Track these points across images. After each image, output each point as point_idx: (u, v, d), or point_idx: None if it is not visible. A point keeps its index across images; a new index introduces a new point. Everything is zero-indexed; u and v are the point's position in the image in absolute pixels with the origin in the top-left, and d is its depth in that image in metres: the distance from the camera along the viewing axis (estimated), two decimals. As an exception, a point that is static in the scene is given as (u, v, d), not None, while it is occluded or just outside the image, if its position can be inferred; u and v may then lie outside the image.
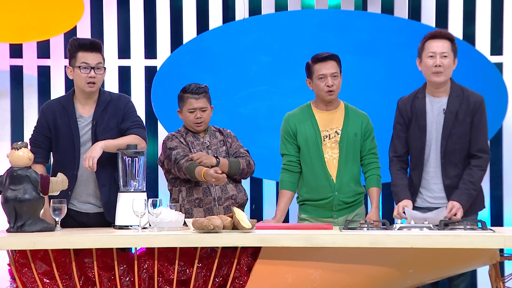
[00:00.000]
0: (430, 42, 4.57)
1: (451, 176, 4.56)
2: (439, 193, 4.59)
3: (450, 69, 4.56)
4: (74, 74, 4.51)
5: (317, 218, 4.78)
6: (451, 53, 4.55)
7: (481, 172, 4.55)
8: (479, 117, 4.57)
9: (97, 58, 4.49)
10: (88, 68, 4.47)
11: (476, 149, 4.56)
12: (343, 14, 6.22)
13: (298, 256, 3.97)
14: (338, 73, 4.74)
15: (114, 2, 6.30)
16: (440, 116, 4.59)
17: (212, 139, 4.86)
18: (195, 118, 4.80)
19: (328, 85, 4.70)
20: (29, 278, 4.01)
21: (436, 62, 4.52)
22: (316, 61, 4.74)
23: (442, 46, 4.54)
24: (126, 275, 4.06)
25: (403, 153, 4.69)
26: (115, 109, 4.55)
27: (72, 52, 4.51)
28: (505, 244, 3.86)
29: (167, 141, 4.82)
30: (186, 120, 4.84)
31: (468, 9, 6.28)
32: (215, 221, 3.99)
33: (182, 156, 4.71)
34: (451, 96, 4.58)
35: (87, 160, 4.32)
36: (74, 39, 4.54)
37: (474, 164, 4.55)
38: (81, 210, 4.52)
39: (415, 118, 4.62)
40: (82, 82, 4.49)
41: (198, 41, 6.17)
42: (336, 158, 4.76)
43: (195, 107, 4.79)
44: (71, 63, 4.52)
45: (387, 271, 4.01)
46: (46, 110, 4.58)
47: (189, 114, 4.81)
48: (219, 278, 4.05)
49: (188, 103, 4.80)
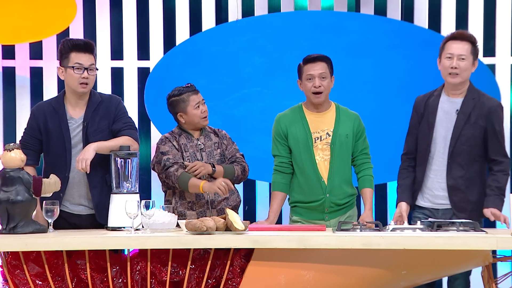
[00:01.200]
0: (450, 43, 4.56)
1: (456, 177, 4.56)
2: (440, 192, 4.59)
3: (467, 72, 4.55)
4: (66, 75, 4.50)
5: (308, 220, 4.77)
6: (470, 56, 4.54)
7: (505, 177, 4.55)
8: (496, 122, 4.56)
9: (90, 59, 4.49)
10: (81, 68, 4.46)
11: (496, 154, 4.55)
12: (336, 15, 6.22)
13: (291, 257, 3.97)
14: (328, 74, 4.72)
15: (107, 3, 6.29)
16: (452, 116, 4.58)
17: (207, 141, 4.84)
18: (202, 113, 4.77)
19: (315, 86, 4.69)
20: (22, 279, 4.00)
21: (452, 64, 4.52)
22: (305, 62, 4.74)
23: (462, 48, 4.53)
24: (118, 276, 4.05)
25: (412, 150, 4.69)
26: (106, 110, 4.54)
27: (64, 52, 4.49)
28: (498, 245, 3.87)
29: (160, 144, 4.79)
30: (194, 118, 4.77)
31: (461, 11, 6.29)
32: (208, 222, 3.98)
33: (172, 164, 4.69)
34: (467, 98, 4.58)
35: (80, 162, 4.31)
36: (67, 40, 4.53)
37: (498, 169, 4.54)
38: (73, 212, 4.51)
39: (426, 115, 4.63)
40: (74, 82, 4.47)
41: (191, 42, 6.16)
42: (327, 160, 4.75)
43: (198, 101, 4.77)
44: (63, 63, 4.50)
45: (380, 273, 4.02)
46: (37, 112, 4.57)
47: (196, 111, 4.76)
48: (212, 280, 4.05)
49: (191, 100, 4.75)
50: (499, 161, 4.56)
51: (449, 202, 4.58)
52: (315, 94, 4.71)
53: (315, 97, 4.73)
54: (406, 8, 6.30)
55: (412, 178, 4.67)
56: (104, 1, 6.29)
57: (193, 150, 4.79)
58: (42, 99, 6.14)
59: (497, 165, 4.56)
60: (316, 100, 4.74)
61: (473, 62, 4.57)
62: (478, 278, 4.33)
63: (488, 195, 4.52)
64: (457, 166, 4.56)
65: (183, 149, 4.77)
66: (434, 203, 4.62)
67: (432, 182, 4.61)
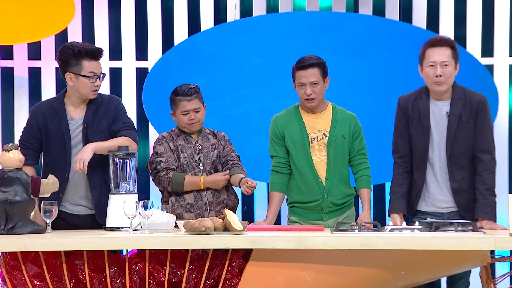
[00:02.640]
0: (430, 50, 4.51)
1: (458, 179, 4.54)
2: (443, 196, 4.58)
3: (451, 77, 4.52)
4: (78, 82, 4.46)
5: (306, 221, 4.77)
6: (452, 61, 4.51)
7: (491, 175, 4.52)
8: (481, 117, 4.53)
9: (100, 65, 4.50)
10: (95, 77, 4.46)
11: (479, 150, 4.53)
12: (335, 16, 6.23)
13: (289, 258, 3.97)
14: (320, 80, 4.69)
15: (105, 3, 6.29)
16: (442, 119, 4.57)
17: (204, 142, 4.83)
18: (189, 120, 4.74)
19: (307, 94, 4.69)
20: (20, 280, 4.00)
21: (436, 72, 4.49)
22: (298, 68, 4.71)
23: (443, 54, 4.49)
24: (117, 277, 4.05)
25: (406, 153, 4.65)
26: (106, 111, 4.54)
27: (75, 59, 4.43)
28: (496, 245, 3.87)
29: (157, 143, 4.79)
30: (180, 122, 4.78)
31: (459, 11, 6.29)
32: (206, 223, 3.98)
33: (163, 168, 4.68)
34: (454, 99, 4.55)
35: (78, 163, 4.31)
36: (76, 46, 4.45)
37: (482, 169, 4.51)
38: (72, 212, 4.51)
39: (417, 118, 4.59)
40: (88, 90, 4.47)
41: (190, 42, 6.16)
42: (324, 160, 4.75)
43: (188, 109, 4.73)
44: (73, 69, 4.44)
45: (379, 273, 4.02)
46: (37, 111, 4.56)
47: (182, 117, 4.75)
48: (210, 280, 4.05)
49: (181, 106, 4.74)
50: (482, 158, 4.52)
51: (453, 204, 4.55)
52: (307, 100, 4.72)
53: (307, 103, 4.73)
54: (404, 8, 6.31)
55: (407, 185, 4.64)
56: (102, 1, 6.29)
57: (191, 152, 4.77)
58: (41, 99, 6.14)
59: (480, 164, 4.52)
60: (309, 106, 4.75)
61: (455, 66, 4.54)
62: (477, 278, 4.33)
63: (478, 202, 4.50)
64: (457, 168, 4.55)
65: (179, 150, 4.76)
66: (438, 207, 4.59)
67: (433, 186, 4.58)
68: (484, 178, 4.51)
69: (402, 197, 4.61)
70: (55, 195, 4.32)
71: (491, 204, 4.49)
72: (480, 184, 4.51)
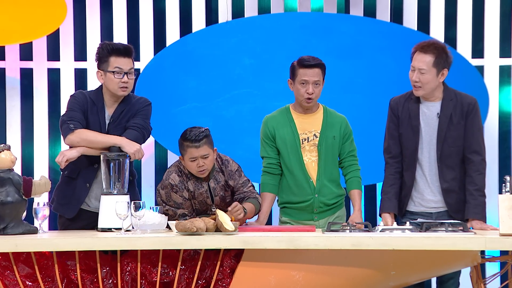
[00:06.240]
0: (416, 54, 4.54)
1: (448, 179, 4.57)
2: (432, 197, 4.60)
3: (429, 84, 4.52)
4: (106, 79, 4.50)
5: (298, 221, 4.79)
6: (433, 69, 4.49)
7: (481, 176, 4.55)
8: (472, 118, 4.56)
9: (129, 63, 4.50)
10: (121, 73, 4.47)
11: (469, 151, 4.56)
12: (326, 17, 6.24)
13: (281, 258, 3.98)
14: (321, 81, 4.72)
15: (97, 4, 6.29)
16: (433, 120, 4.59)
17: (216, 185, 4.64)
18: (198, 167, 4.54)
19: (308, 92, 4.70)
20: (12, 280, 4.00)
21: (413, 77, 4.53)
22: (301, 66, 4.71)
23: (423, 61, 4.49)
24: (109, 277, 4.06)
25: (398, 153, 4.67)
26: (132, 110, 4.56)
27: (103, 56, 4.49)
28: (486, 246, 3.89)
29: (171, 191, 4.60)
30: (189, 168, 4.59)
31: (450, 13, 6.31)
32: (198, 223, 3.99)
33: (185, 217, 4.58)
34: (445, 100, 4.58)
35: (61, 156, 4.37)
36: (106, 44, 4.53)
37: (472, 170, 4.54)
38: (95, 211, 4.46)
39: (407, 118, 4.62)
40: (115, 86, 4.49)
41: (181, 43, 6.17)
42: (315, 161, 4.77)
43: (195, 156, 4.51)
44: (102, 67, 4.50)
45: (370, 273, 4.03)
46: (82, 98, 4.55)
47: (191, 163, 4.54)
48: (202, 280, 4.06)
49: (189, 153, 4.53)
50: (472, 160, 4.55)
51: (442, 204, 4.58)
52: (306, 99, 4.73)
53: (306, 102, 4.74)
54: (395, 9, 6.32)
55: (399, 185, 4.67)
56: (94, 2, 6.29)
57: (203, 198, 4.63)
58: (32, 100, 6.15)
59: (471, 165, 4.55)
60: (306, 105, 4.76)
61: (438, 74, 4.52)
62: (467, 278, 4.35)
63: (468, 202, 4.53)
64: (448, 168, 4.57)
65: (191, 196, 4.63)
66: (426, 207, 4.62)
67: (423, 186, 4.61)
68: (474, 179, 4.54)
69: (393, 197, 4.63)
70: (82, 185, 4.43)
71: (481, 205, 4.52)
72: (470, 184, 4.54)
